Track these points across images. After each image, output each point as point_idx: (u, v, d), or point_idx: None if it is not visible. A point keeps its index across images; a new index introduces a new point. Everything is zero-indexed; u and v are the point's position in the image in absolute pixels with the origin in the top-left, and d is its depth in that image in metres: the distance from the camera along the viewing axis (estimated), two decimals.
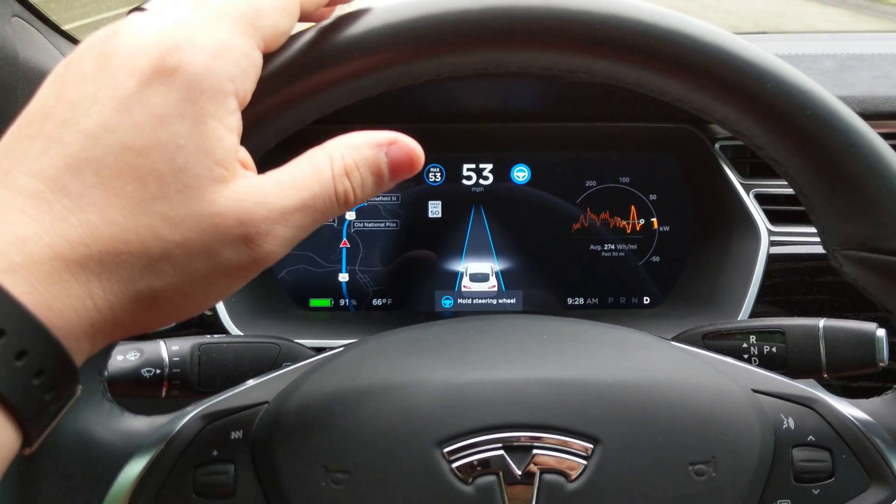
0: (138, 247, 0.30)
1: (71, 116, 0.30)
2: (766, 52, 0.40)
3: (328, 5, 0.38)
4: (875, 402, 0.46)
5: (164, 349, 0.59)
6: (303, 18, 0.37)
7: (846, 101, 0.79)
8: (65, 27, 0.92)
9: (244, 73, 0.33)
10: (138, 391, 0.58)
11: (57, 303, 0.29)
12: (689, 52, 0.39)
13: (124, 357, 0.58)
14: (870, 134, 0.40)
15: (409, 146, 0.36)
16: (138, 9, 0.34)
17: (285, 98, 0.37)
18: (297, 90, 0.38)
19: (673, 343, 0.48)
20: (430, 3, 0.38)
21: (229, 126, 0.32)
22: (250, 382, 0.45)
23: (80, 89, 0.31)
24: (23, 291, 0.28)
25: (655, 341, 0.47)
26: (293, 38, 0.38)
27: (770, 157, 0.42)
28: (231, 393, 0.44)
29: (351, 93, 0.39)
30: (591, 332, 0.47)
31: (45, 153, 0.30)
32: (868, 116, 0.78)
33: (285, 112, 0.38)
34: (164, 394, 0.59)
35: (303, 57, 0.37)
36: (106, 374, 0.56)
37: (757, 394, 0.44)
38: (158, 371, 0.58)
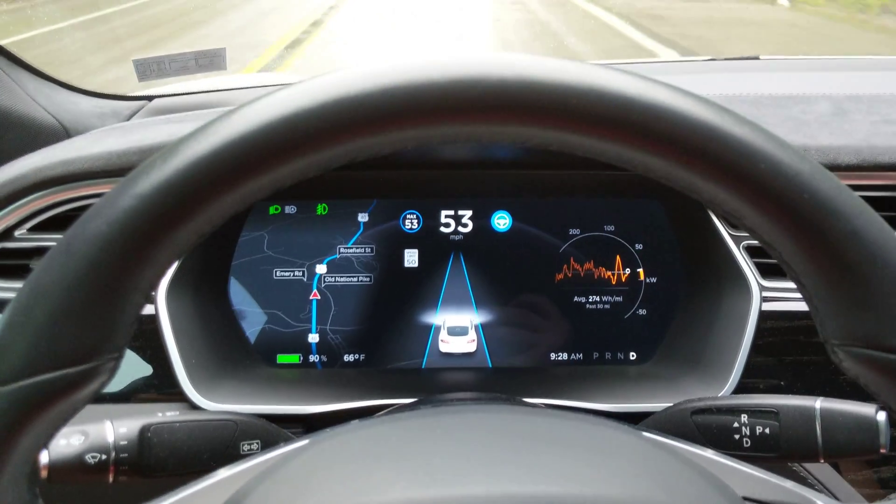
0: None
1: None
2: (760, 127, 0.36)
3: None
4: None
5: (111, 432, 0.54)
6: None
7: (843, 150, 0.76)
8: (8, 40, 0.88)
9: None
10: (83, 478, 0.54)
11: None
12: (673, 128, 0.35)
13: (67, 441, 0.54)
14: (874, 219, 0.37)
15: None
16: None
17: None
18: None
19: (656, 441, 0.45)
20: (402, 75, 0.35)
21: None
22: (192, 488, 0.41)
23: None
24: None
25: (638, 442, 0.43)
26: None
27: (763, 241, 0.38)
28: (173, 499, 0.40)
29: (328, 162, 0.37)
30: (567, 433, 0.43)
31: None
32: (867, 168, 0.75)
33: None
34: (111, 479, 0.55)
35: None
36: (47, 461, 0.53)
37: (748, 502, 0.41)
38: (104, 456, 0.54)
